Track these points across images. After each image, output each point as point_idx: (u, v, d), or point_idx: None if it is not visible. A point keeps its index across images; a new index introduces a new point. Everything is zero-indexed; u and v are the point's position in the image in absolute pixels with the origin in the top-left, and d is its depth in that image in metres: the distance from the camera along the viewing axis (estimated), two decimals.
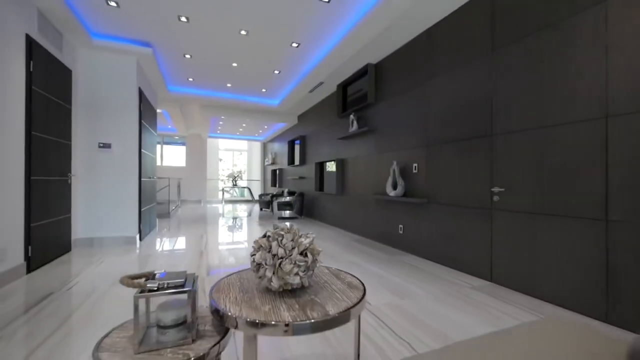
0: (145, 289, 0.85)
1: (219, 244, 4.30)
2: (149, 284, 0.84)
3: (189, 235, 4.97)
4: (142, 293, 0.83)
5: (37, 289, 2.49)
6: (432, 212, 3.35)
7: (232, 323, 0.85)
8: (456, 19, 3.05)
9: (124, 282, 0.83)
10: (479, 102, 2.79)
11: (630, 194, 1.79)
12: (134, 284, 0.83)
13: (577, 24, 2.07)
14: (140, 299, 0.81)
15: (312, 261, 1.00)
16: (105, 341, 0.86)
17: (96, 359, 0.78)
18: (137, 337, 0.80)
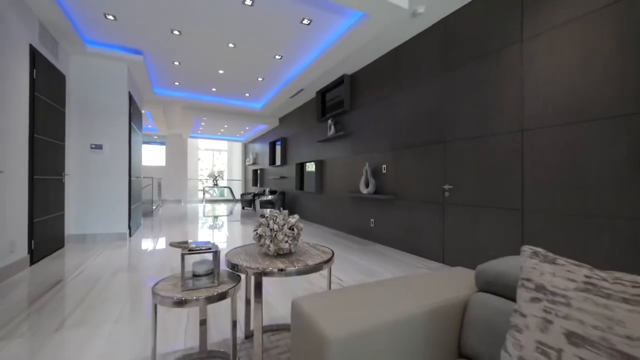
0: (185, 249, 1.26)
1: (206, 239, 4.63)
2: (190, 246, 1.25)
3: (176, 232, 5.25)
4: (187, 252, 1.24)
5: (46, 277, 2.77)
6: (398, 207, 3.88)
7: (244, 272, 1.28)
8: (417, 43, 3.59)
9: (173, 244, 1.24)
10: (434, 114, 3.35)
11: (536, 191, 2.37)
12: (181, 246, 1.23)
13: (502, 57, 2.64)
14: (185, 255, 1.22)
15: (296, 234, 1.44)
16: (156, 287, 1.26)
17: (155, 292, 1.18)
18: (182, 281, 1.22)
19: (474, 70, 2.90)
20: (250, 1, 3.06)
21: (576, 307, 0.65)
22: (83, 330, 1.80)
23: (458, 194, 3.06)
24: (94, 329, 1.81)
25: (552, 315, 0.68)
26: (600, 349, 0.58)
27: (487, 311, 0.95)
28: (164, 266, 3.14)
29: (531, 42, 2.44)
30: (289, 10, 3.24)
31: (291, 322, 0.99)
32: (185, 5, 3.16)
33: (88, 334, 1.76)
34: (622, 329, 0.58)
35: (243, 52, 4.33)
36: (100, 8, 3.26)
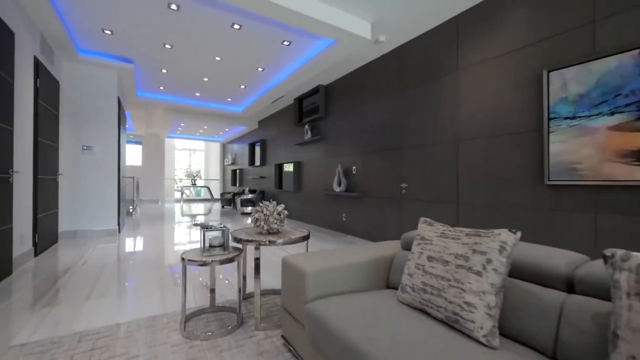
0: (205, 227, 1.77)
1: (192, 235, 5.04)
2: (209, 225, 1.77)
3: (161, 228, 5.58)
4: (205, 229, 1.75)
5: (55, 266, 3.11)
6: (365, 202, 4.52)
7: (246, 244, 1.81)
8: (380, 64, 4.24)
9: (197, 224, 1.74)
10: (394, 125, 4.01)
11: (467, 188, 3.07)
12: (203, 225, 1.74)
13: (443, 83, 3.34)
14: (205, 232, 1.74)
15: (283, 217, 1.99)
16: (184, 255, 1.76)
17: (184, 259, 1.69)
18: (202, 250, 1.73)
19: (423, 91, 3.58)
20: (238, 25, 3.56)
21: (434, 244, 1.26)
22: (108, 299, 2.24)
23: (412, 191, 3.73)
24: (117, 298, 2.25)
25: (424, 249, 1.29)
26: (439, 261, 1.20)
27: (402, 259, 1.56)
28: (158, 255, 3.56)
29: (463, 72, 3.14)
30: (272, 34, 3.76)
31: (281, 268, 1.55)
32: (180, 25, 3.59)
33: (113, 301, 2.20)
34: (449, 250, 1.19)
35: (228, 64, 4.78)
36: (99, 24, 3.61)
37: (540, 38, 2.53)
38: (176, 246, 4.08)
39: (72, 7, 3.25)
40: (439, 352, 0.92)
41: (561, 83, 2.38)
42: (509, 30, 2.75)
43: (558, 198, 2.41)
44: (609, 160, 2.12)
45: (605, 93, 2.14)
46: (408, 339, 0.99)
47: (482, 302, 1.02)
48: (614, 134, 2.10)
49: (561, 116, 2.37)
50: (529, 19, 2.61)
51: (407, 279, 1.29)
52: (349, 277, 1.48)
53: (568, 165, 2.32)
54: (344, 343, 1.05)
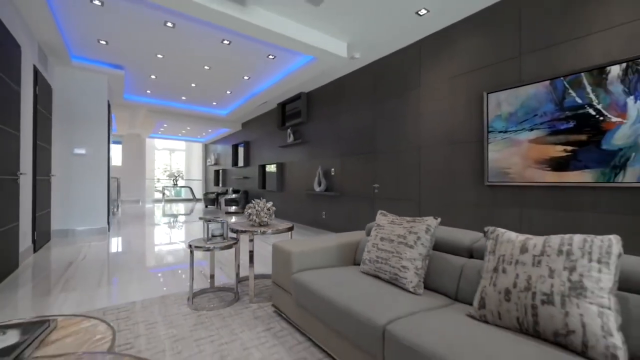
0: (208, 220, 2.16)
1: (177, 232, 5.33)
2: (211, 218, 2.16)
3: (147, 227, 5.82)
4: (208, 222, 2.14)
5: (56, 260, 3.37)
6: (343, 201, 5.00)
7: (241, 233, 2.22)
8: (356, 77, 4.73)
9: (202, 218, 2.13)
10: (368, 131, 4.51)
11: (427, 189, 3.61)
12: (206, 219, 2.13)
13: (409, 97, 3.87)
14: (208, 224, 2.14)
15: (271, 212, 2.42)
16: (191, 242, 2.14)
17: (190, 246, 2.08)
18: (206, 238, 2.13)
19: (392, 103, 4.11)
20: (227, 41, 3.93)
21: (385, 229, 1.74)
22: (117, 286, 2.57)
23: (383, 191, 4.24)
24: (125, 284, 2.59)
25: (378, 233, 1.76)
26: (387, 240, 1.67)
27: (365, 243, 2.03)
28: (151, 250, 3.87)
29: (424, 89, 3.68)
30: (258, 49, 4.16)
31: (272, 251, 1.98)
32: (173, 39, 3.91)
33: (122, 286, 2.54)
34: (394, 233, 1.67)
35: (216, 73, 5.12)
36: (96, 35, 3.86)
37: (483, 65, 3.10)
38: (166, 241, 4.38)
39: (72, 20, 3.50)
40: (383, 297, 1.39)
41: (497, 103, 2.95)
42: (460, 56, 3.31)
43: (494, 195, 2.98)
44: (529, 166, 2.70)
45: (527, 113, 2.73)
46: (364, 292, 1.45)
47: (413, 265, 1.51)
48: (532, 145, 2.69)
49: (497, 130, 2.94)
50: (475, 48, 3.18)
51: (366, 254, 1.76)
52: (324, 256, 1.94)
53: (501, 170, 2.90)
54: (319, 298, 1.50)
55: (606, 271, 0.97)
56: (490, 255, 1.25)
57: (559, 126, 2.54)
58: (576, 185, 2.43)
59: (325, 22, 3.45)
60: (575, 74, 2.44)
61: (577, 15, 2.47)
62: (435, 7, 3.09)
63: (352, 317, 1.29)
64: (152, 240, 4.53)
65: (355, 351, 1.32)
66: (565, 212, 2.51)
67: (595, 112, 2.34)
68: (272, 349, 1.59)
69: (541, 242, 1.12)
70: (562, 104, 2.52)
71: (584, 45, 2.42)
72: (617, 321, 0.92)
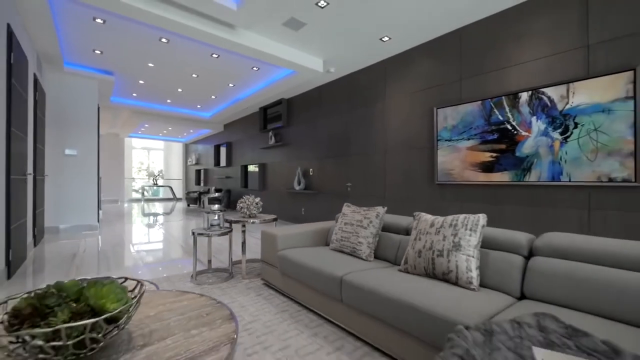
0: (208, 212, 2.65)
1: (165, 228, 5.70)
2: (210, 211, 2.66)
3: (131, 224, 6.12)
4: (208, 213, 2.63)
5: (59, 253, 3.70)
6: (320, 199, 5.57)
7: (234, 222, 2.72)
8: (332, 87, 5.31)
9: (205, 210, 2.61)
10: (342, 136, 5.10)
11: (391, 188, 4.26)
12: (206, 211, 2.62)
13: (377, 107, 4.50)
14: (208, 215, 2.63)
15: (260, 206, 2.94)
16: (195, 230, 2.63)
17: (194, 233, 2.56)
18: (207, 227, 2.62)
19: (363, 112, 4.72)
20: (216, 55, 4.38)
21: (348, 216, 2.32)
22: (125, 271, 3.00)
23: (355, 189, 4.85)
24: (132, 269, 3.02)
25: (343, 219, 2.34)
26: (349, 224, 2.26)
27: (334, 229, 2.61)
28: (142, 244, 4.26)
29: (388, 101, 4.31)
30: (244, 62, 4.64)
31: (261, 236, 2.52)
32: (166, 52, 4.30)
33: (130, 271, 2.97)
34: (354, 218, 2.25)
35: (203, 80, 5.52)
36: (92, 46, 4.18)
37: (434, 84, 3.77)
38: (157, 237, 4.76)
39: (72, 34, 3.83)
40: (343, 262, 1.96)
41: (444, 116, 3.62)
42: (417, 76, 3.97)
43: (442, 192, 3.66)
44: (466, 169, 3.39)
45: (465, 126, 3.41)
46: (330, 260, 2.02)
47: (366, 241, 2.09)
48: (469, 152, 3.38)
49: (444, 138, 3.62)
50: (428, 70, 3.84)
51: (334, 236, 2.34)
52: (302, 239, 2.49)
53: (447, 171, 3.57)
54: (298, 266, 2.05)
55: (474, 235, 1.59)
56: (414, 230, 1.86)
57: (487, 137, 3.24)
58: (499, 183, 3.14)
59: (303, 43, 4.00)
60: (498, 97, 3.14)
61: (500, 52, 3.17)
62: (396, 35, 3.72)
63: (322, 275, 1.85)
64: (142, 236, 4.88)
65: (323, 298, 1.89)
66: (491, 205, 3.21)
67: (511, 127, 3.05)
68: (263, 306, 2.13)
69: (442, 220, 1.74)
70: (489, 120, 3.22)
71: (505, 75, 3.13)
72: (476, 264, 1.54)
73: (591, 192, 2.59)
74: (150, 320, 1.09)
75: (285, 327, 1.82)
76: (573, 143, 2.67)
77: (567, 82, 2.70)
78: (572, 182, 2.66)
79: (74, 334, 0.75)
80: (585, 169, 2.60)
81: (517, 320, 1.02)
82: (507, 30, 3.12)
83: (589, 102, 2.58)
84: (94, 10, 3.27)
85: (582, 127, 2.62)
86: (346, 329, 1.78)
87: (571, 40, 2.71)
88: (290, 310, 2.08)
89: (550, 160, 2.80)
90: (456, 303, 1.30)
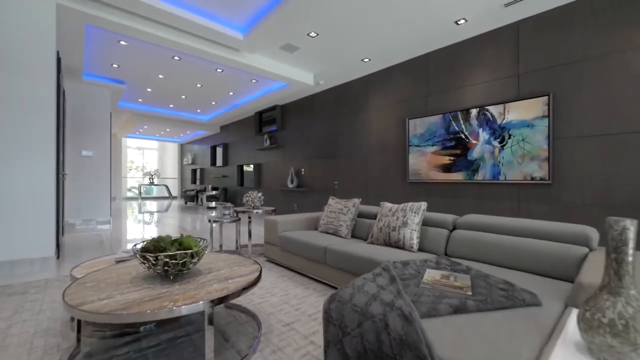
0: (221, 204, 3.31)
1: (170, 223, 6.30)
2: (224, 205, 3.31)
3: (139, 219, 6.69)
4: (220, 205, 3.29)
5: (86, 240, 4.29)
6: (311, 195, 6.26)
7: (242, 212, 3.38)
8: (322, 96, 6.01)
9: (218, 204, 3.27)
10: (331, 140, 5.80)
11: (371, 184, 4.98)
12: (220, 204, 3.26)
13: (360, 115, 5.21)
14: (221, 207, 3.29)
15: (262, 199, 3.61)
16: (211, 217, 3.28)
17: (210, 220, 3.22)
18: (221, 216, 3.28)
19: (349, 119, 5.43)
20: (220, 70, 5.02)
21: (333, 206, 3.02)
22: None
23: (341, 187, 5.56)
24: None
25: (328, 209, 3.04)
26: (333, 212, 2.96)
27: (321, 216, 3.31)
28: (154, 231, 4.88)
29: (371, 111, 5.03)
30: (244, 76, 5.28)
31: (264, 223, 3.21)
32: (177, 67, 4.92)
33: None
34: (337, 207, 2.96)
35: (206, 89, 6.14)
36: (111, 61, 4.76)
37: (407, 98, 4.50)
38: (167, 227, 5.35)
39: (97, 52, 4.41)
40: (327, 238, 2.65)
41: (414, 126, 4.36)
42: (393, 90, 4.70)
43: (412, 189, 4.40)
44: (431, 169, 4.13)
45: (430, 134, 4.15)
46: (318, 237, 2.71)
47: (345, 224, 2.80)
48: (433, 156, 4.12)
49: (414, 144, 4.35)
50: (402, 86, 4.57)
51: (321, 221, 3.03)
52: (298, 224, 3.18)
53: (416, 172, 4.31)
54: (295, 241, 2.74)
55: (417, 216, 2.31)
56: (379, 215, 2.57)
57: (447, 144, 3.98)
58: (455, 181, 3.89)
59: (297, 61, 4.68)
60: (455, 111, 3.89)
61: (458, 75, 3.92)
62: (374, 56, 4.44)
63: (312, 246, 2.55)
64: (154, 227, 5.48)
65: (312, 264, 2.59)
66: (450, 199, 3.96)
67: (464, 137, 3.80)
68: (268, 273, 2.80)
69: (397, 207, 2.45)
70: (448, 130, 3.97)
71: (461, 94, 3.88)
72: (417, 235, 2.26)
73: (520, 188, 3.36)
74: (208, 262, 1.78)
75: (285, 284, 2.51)
76: (507, 150, 3.43)
77: (503, 102, 3.46)
78: (507, 180, 3.42)
79: (179, 258, 1.43)
80: (516, 170, 3.37)
81: (425, 259, 1.75)
82: (463, 58, 3.87)
83: (519, 118, 3.34)
84: (121, 35, 3.88)
85: (513, 137, 3.39)
86: (329, 284, 2.48)
87: (507, 69, 3.47)
88: (288, 275, 2.76)
89: (492, 163, 3.56)
90: (398, 257, 2.02)
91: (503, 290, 1.27)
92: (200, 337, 1.64)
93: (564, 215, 3.09)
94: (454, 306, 1.12)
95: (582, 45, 2.99)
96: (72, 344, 1.56)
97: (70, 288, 1.37)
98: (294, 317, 1.89)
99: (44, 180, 2.98)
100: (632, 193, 2.73)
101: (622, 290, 0.90)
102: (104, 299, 1.25)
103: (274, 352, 1.51)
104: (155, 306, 1.19)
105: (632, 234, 0.89)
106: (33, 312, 1.93)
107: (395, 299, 1.11)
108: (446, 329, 1.02)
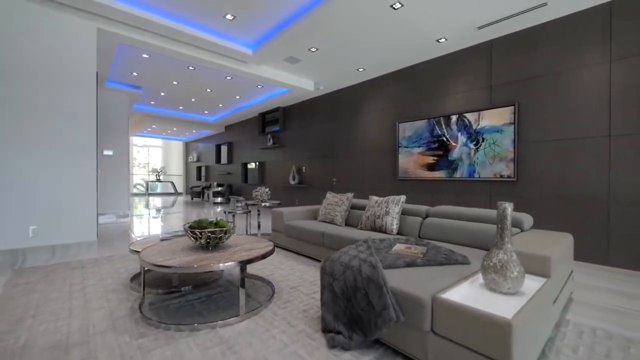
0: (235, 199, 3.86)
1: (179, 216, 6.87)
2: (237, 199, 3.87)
3: (151, 212, 7.26)
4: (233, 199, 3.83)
5: (114, 230, 4.85)
6: (311, 191, 6.81)
7: (252, 205, 3.94)
8: (321, 100, 6.54)
9: (233, 198, 3.83)
10: (330, 140, 6.34)
11: (366, 181, 5.53)
12: (235, 199, 3.82)
13: (357, 118, 5.75)
14: (235, 200, 3.85)
15: (269, 194, 4.17)
16: (227, 208, 3.84)
17: (225, 212, 3.78)
18: (234, 208, 3.85)
19: (346, 122, 5.96)
20: (230, 77, 5.55)
21: (330, 200, 3.58)
22: None
23: (339, 183, 6.11)
24: None
25: (326, 202, 3.60)
26: (330, 204, 3.52)
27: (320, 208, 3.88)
28: (172, 223, 5.45)
29: (365, 115, 5.57)
30: (251, 82, 5.82)
31: (272, 215, 3.78)
32: (191, 76, 5.44)
33: None
34: (333, 200, 3.51)
35: (215, 94, 6.67)
36: (132, 70, 5.30)
37: (397, 104, 5.04)
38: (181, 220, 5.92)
39: (121, 63, 4.94)
40: (326, 226, 3.21)
41: (403, 129, 4.90)
42: (385, 97, 5.23)
43: (402, 185, 4.95)
44: (417, 168, 4.68)
45: (417, 137, 4.70)
46: (317, 225, 3.26)
47: (340, 214, 3.36)
48: (419, 156, 4.66)
49: (403, 145, 4.90)
50: (393, 93, 5.11)
51: (320, 212, 3.59)
52: (300, 215, 3.74)
53: (405, 170, 4.86)
54: (299, 228, 3.30)
55: (397, 207, 2.87)
56: (367, 206, 3.12)
57: (431, 146, 4.53)
58: (438, 179, 4.44)
59: (299, 71, 5.21)
60: (438, 117, 4.43)
61: (441, 84, 4.45)
62: (368, 66, 4.97)
63: (312, 232, 3.11)
64: (169, 220, 6.05)
65: (312, 247, 3.15)
66: (433, 194, 4.52)
67: (446, 140, 4.34)
68: (275, 256, 3.37)
69: (382, 199, 3.00)
70: (432, 133, 4.51)
71: (443, 102, 4.42)
72: (397, 222, 2.81)
73: (491, 184, 3.91)
74: (234, 240, 2.34)
75: (290, 262, 3.07)
76: (481, 152, 3.98)
77: (478, 110, 4.00)
78: (481, 178, 3.97)
79: (217, 233, 1.99)
80: (488, 169, 3.91)
81: (398, 237, 2.30)
82: (445, 70, 4.40)
83: (490, 124, 3.89)
84: (144, 50, 4.41)
85: (486, 141, 3.93)
86: None
87: (481, 81, 4.01)
88: (293, 256, 3.33)
89: (468, 163, 4.10)
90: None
91: (445, 255, 1.83)
92: (230, 294, 2.20)
93: (527, 207, 3.64)
94: (407, 262, 1.68)
95: (543, 63, 3.53)
96: (137, 297, 2.12)
97: (142, 253, 1.93)
98: (298, 283, 2.45)
99: (87, 177, 3.54)
100: (583, 189, 3.28)
101: (503, 245, 1.46)
102: (170, 259, 1.81)
103: (284, 303, 2.07)
104: (207, 263, 1.75)
105: (509, 211, 1.45)
106: (97, 279, 2.50)
107: (367, 257, 1.67)
108: (399, 275, 1.58)
